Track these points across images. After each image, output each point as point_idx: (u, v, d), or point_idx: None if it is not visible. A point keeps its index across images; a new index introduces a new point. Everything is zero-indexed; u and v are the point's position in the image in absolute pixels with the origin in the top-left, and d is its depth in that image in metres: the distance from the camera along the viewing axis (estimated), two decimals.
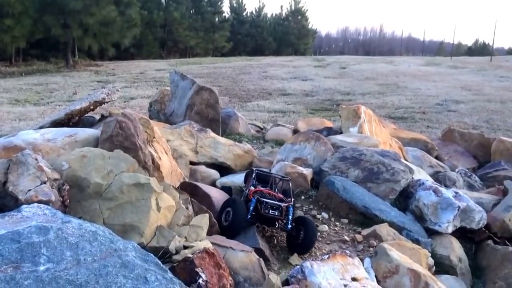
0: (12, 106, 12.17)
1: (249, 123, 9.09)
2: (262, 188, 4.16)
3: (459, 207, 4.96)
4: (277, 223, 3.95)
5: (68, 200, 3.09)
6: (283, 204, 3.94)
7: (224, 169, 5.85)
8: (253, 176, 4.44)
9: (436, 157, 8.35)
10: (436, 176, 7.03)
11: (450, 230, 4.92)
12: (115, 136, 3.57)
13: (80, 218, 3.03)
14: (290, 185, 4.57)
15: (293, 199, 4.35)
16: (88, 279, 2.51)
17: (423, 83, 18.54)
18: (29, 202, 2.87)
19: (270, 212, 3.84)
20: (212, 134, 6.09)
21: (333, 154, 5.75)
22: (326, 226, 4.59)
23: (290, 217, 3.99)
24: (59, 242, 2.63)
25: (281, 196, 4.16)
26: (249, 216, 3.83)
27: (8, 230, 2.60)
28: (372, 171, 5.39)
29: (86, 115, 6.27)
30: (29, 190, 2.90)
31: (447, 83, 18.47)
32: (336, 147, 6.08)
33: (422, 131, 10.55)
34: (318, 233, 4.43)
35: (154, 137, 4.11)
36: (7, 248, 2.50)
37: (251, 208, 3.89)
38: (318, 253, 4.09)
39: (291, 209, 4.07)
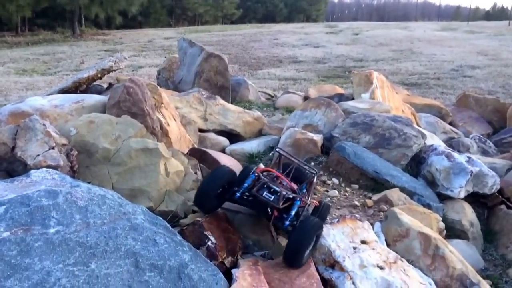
0: (19, 76, 12.20)
1: (259, 91, 8.99)
2: (274, 170, 3.28)
3: (471, 172, 4.88)
4: (269, 212, 3.04)
5: (76, 166, 3.10)
6: (285, 192, 2.96)
7: (233, 136, 5.82)
8: (277, 160, 3.59)
9: (450, 123, 8.21)
10: (449, 142, 6.92)
11: (462, 195, 4.87)
12: (123, 101, 3.54)
13: (89, 183, 3.04)
14: (315, 180, 3.58)
15: (310, 197, 3.40)
16: (97, 241, 2.54)
17: (438, 48, 18.08)
18: (37, 167, 2.88)
19: (264, 194, 2.92)
20: (221, 101, 6.04)
21: (344, 120, 5.66)
22: (336, 192, 4.56)
23: (293, 213, 3.04)
24: (68, 206, 2.65)
25: (294, 186, 3.20)
26: (238, 194, 3.01)
27: (17, 194, 2.62)
28: (383, 136, 5.31)
29: (94, 83, 6.23)
30: (38, 155, 2.90)
31: (463, 49, 17.98)
32: (347, 113, 5.99)
33: (436, 98, 10.35)
34: (328, 198, 4.42)
35: (162, 103, 4.07)
36: (17, 211, 2.53)
37: (245, 185, 3.04)
38: (328, 218, 4.09)
39: (298, 203, 3.06)
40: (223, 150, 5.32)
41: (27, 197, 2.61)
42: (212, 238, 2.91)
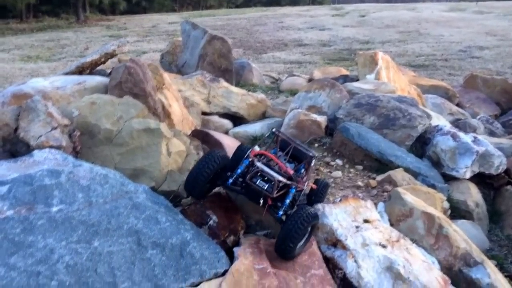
0: (24, 63, 12.23)
1: (263, 74, 8.93)
2: (269, 154, 3.08)
3: (477, 152, 4.84)
4: (262, 201, 2.85)
5: (79, 146, 3.11)
6: (279, 178, 2.79)
7: (237, 119, 5.81)
8: (274, 139, 3.44)
9: (457, 105, 8.11)
10: (456, 124, 6.85)
11: (468, 175, 4.83)
12: (124, 82, 3.53)
13: (92, 163, 3.05)
14: (313, 164, 3.37)
15: (307, 181, 3.20)
16: (100, 219, 2.57)
17: (447, 29, 17.80)
18: (40, 147, 2.89)
19: (257, 183, 2.77)
20: (225, 83, 6.01)
21: (348, 101, 5.62)
22: (340, 173, 4.55)
23: (287, 201, 2.88)
24: (71, 185, 2.67)
25: (290, 171, 2.98)
26: (230, 180, 2.87)
27: (20, 174, 2.64)
28: (388, 117, 5.27)
29: (97, 68, 6.22)
30: (40, 136, 2.92)
31: (472, 29, 17.68)
32: (352, 94, 5.93)
33: (443, 79, 10.22)
34: (332, 180, 4.41)
35: (163, 84, 4.06)
36: (20, 190, 2.56)
37: (238, 171, 2.90)
38: (331, 199, 4.09)
39: (293, 190, 2.91)
40: (226, 133, 5.32)
41: (30, 176, 2.64)
42: (214, 217, 2.92)
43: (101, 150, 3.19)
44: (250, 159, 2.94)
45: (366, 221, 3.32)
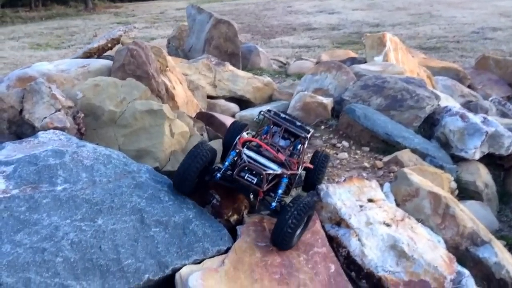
0: (34, 51, 12.31)
1: (271, 59, 8.88)
2: (259, 141, 2.92)
3: (486, 132, 4.77)
4: (252, 195, 2.76)
5: (84, 128, 3.14)
6: (268, 170, 2.67)
7: (243, 103, 5.80)
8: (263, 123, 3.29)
9: (469, 86, 7.98)
10: (467, 105, 6.75)
11: (477, 156, 4.77)
12: (127, 64, 3.54)
13: (96, 144, 3.08)
14: (305, 145, 3.16)
15: (302, 161, 3.06)
16: (103, 198, 2.60)
17: (459, 11, 17.42)
18: (45, 129, 2.93)
19: (246, 177, 2.64)
20: (231, 67, 5.99)
21: (355, 82, 5.56)
22: (346, 154, 4.53)
23: (280, 192, 2.76)
24: (75, 165, 2.70)
25: (282, 157, 2.83)
26: (219, 174, 2.74)
27: (25, 154, 2.68)
28: (395, 98, 5.21)
29: (105, 54, 6.24)
30: (45, 117, 2.95)
31: (485, 10, 17.28)
32: (359, 76, 5.87)
33: (455, 61, 10.05)
34: (338, 161, 4.39)
35: (167, 67, 4.06)
36: (25, 170, 2.60)
37: (226, 163, 2.78)
38: (336, 179, 4.07)
39: (285, 180, 2.78)
40: (233, 116, 5.31)
41: (35, 156, 2.67)
42: (217, 196, 2.93)
43: (105, 132, 3.22)
44: (237, 150, 2.78)
45: (370, 200, 3.31)
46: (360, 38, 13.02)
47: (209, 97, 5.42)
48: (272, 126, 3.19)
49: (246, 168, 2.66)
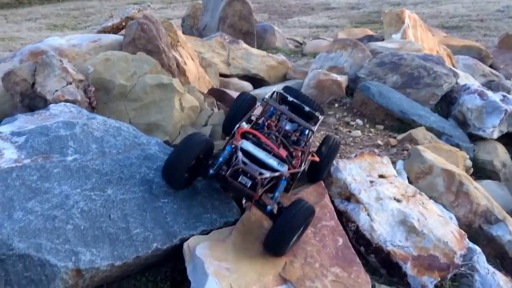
0: (50, 31, 12.40)
1: (287, 38, 8.77)
2: (258, 133, 2.61)
3: (506, 110, 4.65)
4: (246, 198, 2.57)
5: (95, 102, 3.17)
6: (265, 175, 2.41)
7: (257, 81, 5.76)
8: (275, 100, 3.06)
9: (491, 66, 7.76)
10: (488, 85, 6.57)
11: (495, 135, 4.66)
12: (138, 39, 3.54)
13: (107, 118, 3.11)
14: (311, 138, 2.97)
15: (307, 160, 2.84)
16: (113, 169, 2.63)
17: None
18: (56, 101, 2.97)
19: (240, 179, 2.41)
20: (244, 45, 5.94)
21: (371, 60, 5.46)
22: (359, 132, 4.47)
23: (277, 194, 2.53)
24: (85, 136, 2.74)
25: (284, 153, 2.59)
26: (211, 171, 2.49)
27: (37, 125, 2.73)
28: (412, 76, 5.10)
29: (119, 33, 6.26)
30: (56, 90, 2.99)
31: None
32: (375, 53, 5.75)
33: (478, 40, 9.76)
34: (351, 139, 4.34)
35: (178, 42, 4.05)
36: (36, 140, 2.64)
37: (220, 160, 2.51)
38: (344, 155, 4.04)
39: (283, 183, 2.55)
40: None
41: (46, 128, 2.72)
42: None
43: (116, 105, 3.25)
44: (233, 146, 2.49)
45: (381, 176, 3.27)
46: (380, 17, 12.75)
47: (222, 75, 5.39)
48: (278, 109, 3.01)
49: (240, 169, 2.39)
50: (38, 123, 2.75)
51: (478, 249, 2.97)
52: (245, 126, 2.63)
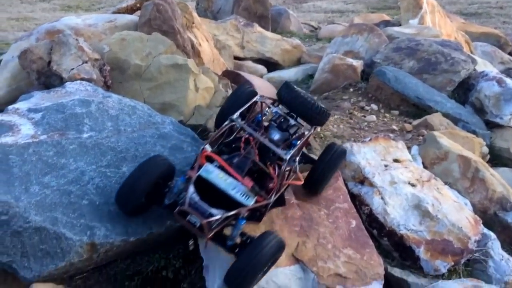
0: (64, 12, 12.40)
1: (302, 23, 8.68)
2: (222, 161, 2.27)
3: None
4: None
5: (110, 81, 3.18)
6: (215, 217, 2.09)
7: (271, 65, 5.73)
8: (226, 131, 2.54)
9: (510, 53, 7.61)
10: (507, 73, 6.44)
11: None
12: (153, 19, 3.54)
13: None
14: (310, 135, 2.75)
15: (285, 187, 2.52)
16: (128, 146, 2.65)
17: None
18: (72, 80, 2.98)
19: (188, 218, 2.10)
20: (259, 28, 5.89)
21: (387, 45, 5.38)
22: (374, 117, 4.44)
23: (235, 233, 2.19)
24: (101, 114, 2.75)
25: (249, 183, 2.24)
26: (167, 201, 2.24)
27: (53, 103, 2.75)
28: (429, 61, 5.02)
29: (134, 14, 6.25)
30: (72, 69, 3.00)
31: None
32: (392, 39, 5.67)
33: (497, 27, 9.55)
34: (365, 123, 4.31)
35: (193, 23, 4.03)
36: (53, 117, 2.66)
37: (175, 190, 2.24)
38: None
39: (241, 222, 2.19)
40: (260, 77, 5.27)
41: (62, 105, 2.74)
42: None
43: (131, 85, 3.26)
44: (187, 176, 2.18)
45: (396, 160, 3.24)
46: (397, 2, 12.53)
47: (236, 58, 5.38)
48: (268, 110, 2.70)
49: (183, 210, 2.07)
50: (54, 100, 2.77)
51: (492, 235, 2.94)
52: (207, 149, 2.29)
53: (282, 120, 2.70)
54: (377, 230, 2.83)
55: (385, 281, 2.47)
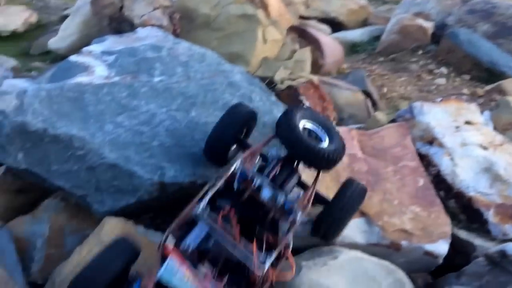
0: None
1: None
2: (182, 262, 1.75)
3: None
4: None
5: (179, 29, 3.21)
6: None
7: (336, 25, 5.54)
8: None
9: None
10: None
11: None
12: None
13: None
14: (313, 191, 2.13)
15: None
16: (197, 92, 2.67)
17: None
18: (143, 25, 3.03)
19: None
20: None
21: (460, 7, 5.06)
22: (443, 80, 4.24)
23: None
24: (171, 59, 2.79)
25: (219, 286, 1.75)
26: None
27: (125, 46, 2.81)
28: (505, 25, 4.70)
29: None
30: (143, 15, 3.05)
31: None
32: (465, 1, 5.31)
33: None
34: (434, 87, 4.13)
35: None
36: (125, 60, 2.73)
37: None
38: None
39: None
40: None
41: (134, 49, 2.80)
42: (307, 103, 2.90)
43: (199, 34, 3.27)
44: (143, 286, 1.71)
45: (467, 123, 3.08)
46: None
47: (301, 17, 5.25)
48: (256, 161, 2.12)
49: None
50: (126, 44, 2.83)
51: None
52: (170, 245, 1.81)
53: (277, 172, 2.05)
54: (444, 191, 2.72)
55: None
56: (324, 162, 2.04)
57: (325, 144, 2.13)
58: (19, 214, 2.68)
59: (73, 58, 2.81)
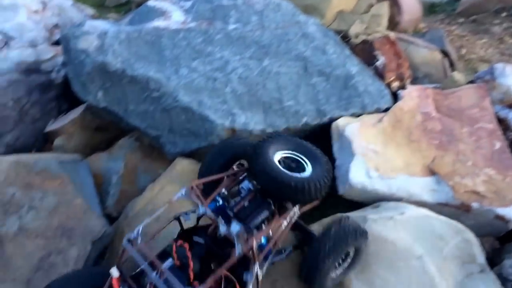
0: None
1: None
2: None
3: None
4: None
5: None
6: None
7: None
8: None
9: None
10: None
11: None
12: None
13: None
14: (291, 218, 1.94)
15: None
16: (271, 42, 2.66)
17: None
18: None
19: None
20: None
21: None
22: None
23: None
24: (246, 8, 2.78)
25: None
26: None
27: None
28: None
29: None
30: None
31: None
32: None
33: None
34: None
35: None
36: (201, 7, 2.76)
37: None
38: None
39: None
40: None
41: None
42: (382, 59, 2.82)
43: None
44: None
45: None
46: None
47: None
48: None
49: None
50: None
51: None
52: (115, 274, 1.67)
53: (246, 205, 1.89)
54: None
55: None
56: (294, 193, 1.80)
57: (306, 173, 1.92)
58: (96, 151, 2.87)
59: (151, 3, 2.88)
